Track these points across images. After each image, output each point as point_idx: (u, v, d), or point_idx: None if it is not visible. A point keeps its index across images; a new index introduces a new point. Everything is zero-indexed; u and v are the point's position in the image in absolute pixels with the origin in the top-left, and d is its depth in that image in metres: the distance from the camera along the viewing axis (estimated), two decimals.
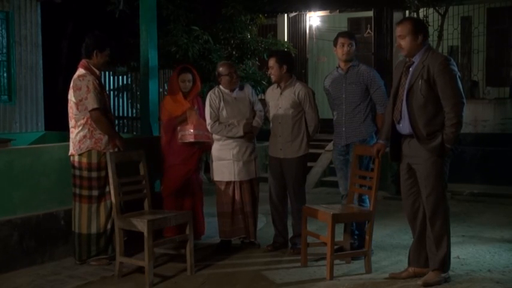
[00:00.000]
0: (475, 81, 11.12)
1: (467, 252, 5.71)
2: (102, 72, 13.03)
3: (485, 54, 11.09)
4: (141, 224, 4.80)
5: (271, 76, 5.85)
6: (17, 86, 8.61)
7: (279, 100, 5.78)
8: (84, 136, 5.20)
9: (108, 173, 5.09)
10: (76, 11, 13.83)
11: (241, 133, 5.74)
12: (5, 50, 8.51)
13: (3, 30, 8.49)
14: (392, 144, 4.86)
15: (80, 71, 5.26)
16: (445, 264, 4.70)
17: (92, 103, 5.14)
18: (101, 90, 5.26)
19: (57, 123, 10.33)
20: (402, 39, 4.69)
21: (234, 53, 10.60)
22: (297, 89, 5.74)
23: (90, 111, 5.16)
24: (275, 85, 5.92)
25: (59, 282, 4.89)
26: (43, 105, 9.02)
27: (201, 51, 9.76)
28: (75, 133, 5.26)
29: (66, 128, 5.34)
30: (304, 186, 5.89)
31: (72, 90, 5.24)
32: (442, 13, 9.75)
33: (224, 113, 5.75)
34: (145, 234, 4.75)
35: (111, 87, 12.96)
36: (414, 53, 4.68)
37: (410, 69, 4.69)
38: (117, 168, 5.03)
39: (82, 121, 5.20)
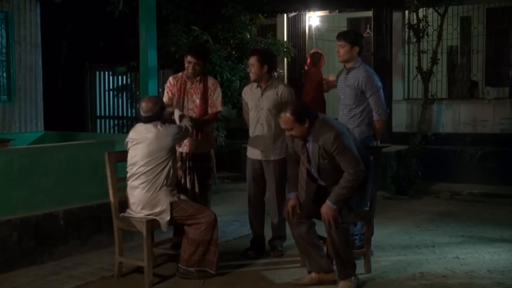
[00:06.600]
0: (475, 81, 11.11)
1: (466, 252, 5.72)
2: (102, 72, 13.05)
3: (485, 54, 11.06)
4: (140, 224, 4.79)
5: (250, 74, 5.64)
6: (16, 86, 8.59)
7: (260, 101, 5.62)
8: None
9: None
10: (75, 11, 13.81)
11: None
12: (4, 50, 8.49)
13: (2, 30, 8.47)
14: None
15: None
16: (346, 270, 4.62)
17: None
18: (181, 94, 5.54)
19: (56, 123, 10.34)
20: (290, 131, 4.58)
21: (233, 53, 10.59)
22: (279, 90, 5.59)
23: None
24: (254, 85, 5.71)
25: (58, 282, 4.89)
26: (42, 105, 9.00)
27: None
28: None
29: (65, 128, 5.33)
30: (285, 187, 5.73)
31: None
32: (442, 13, 9.74)
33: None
34: (144, 234, 4.74)
35: (111, 87, 12.93)
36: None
37: (307, 145, 4.60)
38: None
39: None
